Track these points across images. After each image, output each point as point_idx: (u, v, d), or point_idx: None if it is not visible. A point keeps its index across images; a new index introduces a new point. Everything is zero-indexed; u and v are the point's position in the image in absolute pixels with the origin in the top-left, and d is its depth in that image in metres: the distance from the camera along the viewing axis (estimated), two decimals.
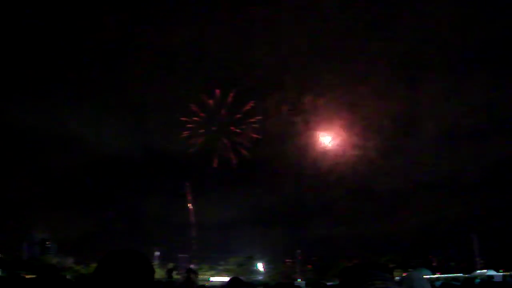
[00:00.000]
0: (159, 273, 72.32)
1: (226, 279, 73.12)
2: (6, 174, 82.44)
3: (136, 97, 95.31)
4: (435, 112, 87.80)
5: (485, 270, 57.92)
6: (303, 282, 39.83)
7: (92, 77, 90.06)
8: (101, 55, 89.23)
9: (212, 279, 76.71)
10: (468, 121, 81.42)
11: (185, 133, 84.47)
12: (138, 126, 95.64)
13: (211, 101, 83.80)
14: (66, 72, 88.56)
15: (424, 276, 5.07)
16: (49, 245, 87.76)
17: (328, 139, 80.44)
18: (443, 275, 61.36)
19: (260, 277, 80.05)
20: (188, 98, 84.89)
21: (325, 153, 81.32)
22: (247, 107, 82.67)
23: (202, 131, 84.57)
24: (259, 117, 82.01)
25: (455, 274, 64.52)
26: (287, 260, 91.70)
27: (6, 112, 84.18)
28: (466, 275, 58.77)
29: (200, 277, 79.62)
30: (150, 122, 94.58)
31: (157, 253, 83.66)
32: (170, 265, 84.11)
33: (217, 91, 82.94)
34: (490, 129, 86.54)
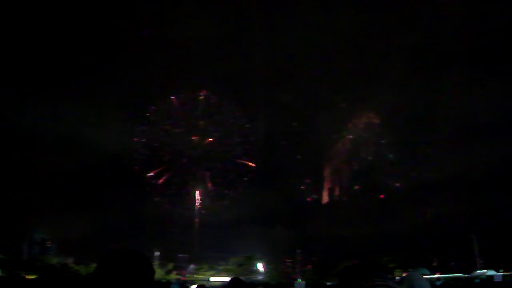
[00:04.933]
0: (159, 273, 72.44)
1: (226, 279, 73.11)
2: (7, 174, 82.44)
3: (137, 96, 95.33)
4: (443, 110, 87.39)
5: (485, 270, 57.79)
6: (303, 282, 39.66)
7: (93, 76, 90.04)
8: (102, 54, 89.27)
9: (212, 279, 76.66)
10: (481, 118, 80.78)
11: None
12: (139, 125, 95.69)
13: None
14: (66, 72, 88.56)
15: (424, 276, 5.07)
16: (49, 245, 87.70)
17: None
18: (443, 275, 61.28)
19: (260, 277, 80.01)
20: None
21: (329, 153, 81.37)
22: None
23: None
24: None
25: (455, 274, 64.44)
26: (287, 260, 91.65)
27: (7, 112, 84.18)
28: (466, 275, 58.70)
29: (200, 277, 79.73)
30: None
31: (157, 253, 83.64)
32: (170, 266, 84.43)
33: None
34: (502, 126, 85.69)
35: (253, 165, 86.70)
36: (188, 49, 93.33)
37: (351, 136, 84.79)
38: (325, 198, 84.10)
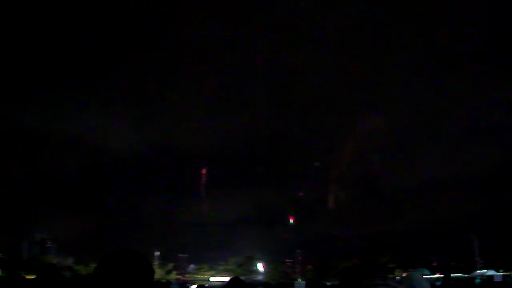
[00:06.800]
0: (159, 273, 72.44)
1: (226, 279, 73.04)
2: (7, 174, 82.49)
3: (140, 95, 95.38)
4: (446, 110, 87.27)
5: (485, 270, 57.80)
6: (303, 282, 39.66)
7: (94, 76, 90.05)
8: (104, 53, 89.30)
9: (212, 279, 76.64)
10: (482, 118, 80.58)
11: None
12: (139, 125, 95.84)
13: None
14: (66, 71, 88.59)
15: (424, 276, 5.07)
16: (49, 245, 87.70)
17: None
18: (443, 275, 61.19)
19: (260, 277, 79.98)
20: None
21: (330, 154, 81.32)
22: None
23: None
24: None
25: (455, 274, 64.40)
26: (287, 260, 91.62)
27: (7, 112, 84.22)
28: (466, 275, 58.67)
29: (200, 277, 79.70)
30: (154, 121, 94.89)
31: (157, 253, 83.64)
32: (170, 266, 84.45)
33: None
34: (503, 125, 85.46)
35: (260, 168, 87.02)
36: (189, 48, 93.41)
37: (355, 147, 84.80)
38: (331, 201, 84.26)
